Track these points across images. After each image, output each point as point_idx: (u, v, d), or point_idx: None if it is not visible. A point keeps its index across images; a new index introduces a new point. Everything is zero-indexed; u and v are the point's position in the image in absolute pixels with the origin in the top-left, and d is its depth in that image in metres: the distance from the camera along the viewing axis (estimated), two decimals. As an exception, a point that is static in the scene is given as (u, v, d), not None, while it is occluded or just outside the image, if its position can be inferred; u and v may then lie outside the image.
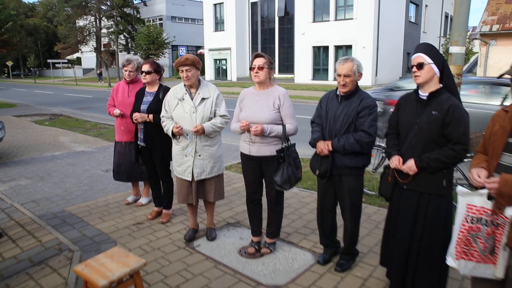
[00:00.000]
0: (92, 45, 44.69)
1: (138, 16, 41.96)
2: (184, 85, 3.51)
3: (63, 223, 4.31)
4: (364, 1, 24.57)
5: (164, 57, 34.08)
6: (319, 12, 27.30)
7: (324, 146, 2.91)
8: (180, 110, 3.50)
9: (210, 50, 34.75)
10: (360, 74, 2.91)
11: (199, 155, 3.52)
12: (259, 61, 3.18)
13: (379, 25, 24.81)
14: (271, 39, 31.84)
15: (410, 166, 2.48)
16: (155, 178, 4.29)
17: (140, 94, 4.11)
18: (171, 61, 35.65)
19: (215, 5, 33.66)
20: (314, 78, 27.95)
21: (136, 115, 3.95)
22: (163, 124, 3.61)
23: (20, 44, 45.96)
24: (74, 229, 4.12)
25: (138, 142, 4.14)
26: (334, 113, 2.97)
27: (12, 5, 16.86)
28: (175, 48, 36.22)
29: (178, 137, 3.53)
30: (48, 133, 10.63)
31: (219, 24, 33.98)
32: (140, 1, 43.24)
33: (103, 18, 42.39)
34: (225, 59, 34.17)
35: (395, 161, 2.58)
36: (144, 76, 3.99)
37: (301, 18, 27.75)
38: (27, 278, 3.21)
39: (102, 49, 43.12)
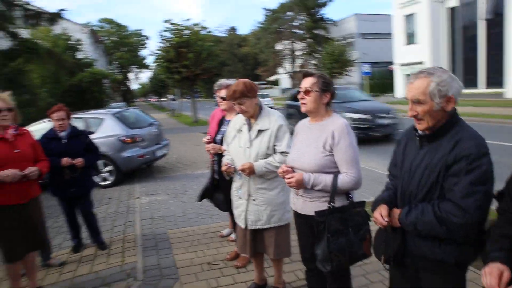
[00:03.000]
0: (286, 67, 48.28)
1: (327, 36, 43.02)
2: None
3: (154, 246, 4.36)
4: None
5: (349, 75, 33.58)
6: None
7: (381, 216, 1.87)
8: (235, 144, 2.98)
9: (402, 65, 32.34)
10: (449, 99, 1.75)
11: (253, 199, 2.90)
12: (306, 83, 2.34)
13: None
14: (473, 48, 27.11)
15: None
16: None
17: (220, 122, 3.78)
18: (361, 79, 34.74)
19: (406, 16, 31.20)
20: (532, 92, 22.14)
21: (208, 147, 3.64)
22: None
23: (225, 70, 53.45)
24: (155, 256, 4.10)
25: (214, 176, 3.81)
26: (410, 163, 1.89)
27: (211, 38, 19.69)
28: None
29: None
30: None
31: (410, 37, 31.30)
32: (331, 22, 44.36)
33: (297, 41, 45.36)
34: (418, 75, 30.97)
35: None
36: (221, 101, 3.64)
37: (517, 20, 22.52)
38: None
39: (294, 70, 46.08)
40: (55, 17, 11.78)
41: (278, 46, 48.63)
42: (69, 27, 22.61)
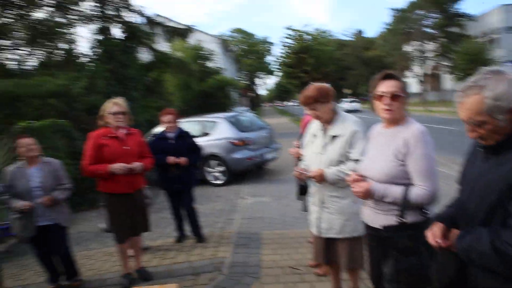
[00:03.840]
0: (415, 70, 44.78)
1: (464, 33, 38.46)
2: None
3: (245, 245, 4.57)
4: None
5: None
6: None
7: (433, 237, 1.66)
8: (310, 150, 2.95)
9: None
10: None
11: (326, 207, 2.83)
12: (390, 86, 2.10)
13: None
14: None
15: None
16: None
17: (308, 126, 3.77)
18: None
19: None
20: None
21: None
22: None
23: (350, 74, 51.81)
24: (244, 254, 4.29)
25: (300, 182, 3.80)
26: (471, 177, 1.63)
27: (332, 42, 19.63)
28: (512, 65, 30.60)
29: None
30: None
31: None
32: (468, 17, 39.52)
33: (427, 42, 41.66)
34: None
35: None
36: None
37: None
38: (179, 281, 3.62)
39: (425, 73, 42.41)
40: (186, 32, 13.29)
41: (407, 48, 45.50)
42: (203, 38, 25.07)
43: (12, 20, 10.50)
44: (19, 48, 10.91)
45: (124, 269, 3.86)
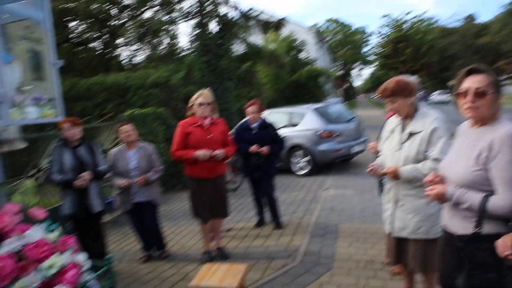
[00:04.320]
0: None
1: None
2: None
3: (322, 235, 4.59)
4: None
5: None
6: None
7: (504, 246, 1.50)
8: (387, 146, 2.85)
9: None
10: None
11: (401, 205, 2.72)
12: (475, 82, 1.88)
13: None
14: None
15: None
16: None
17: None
18: None
19: None
20: None
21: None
22: None
23: (457, 64, 47.10)
24: (319, 244, 4.32)
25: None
26: None
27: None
28: None
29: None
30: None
31: None
32: None
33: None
34: None
35: None
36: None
37: None
38: (253, 263, 3.84)
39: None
40: (279, 24, 13.48)
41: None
42: (297, 29, 25.07)
43: (126, 20, 11.80)
44: (130, 45, 12.24)
45: (205, 247, 4.19)
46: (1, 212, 2.24)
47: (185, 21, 13.48)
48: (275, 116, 8.90)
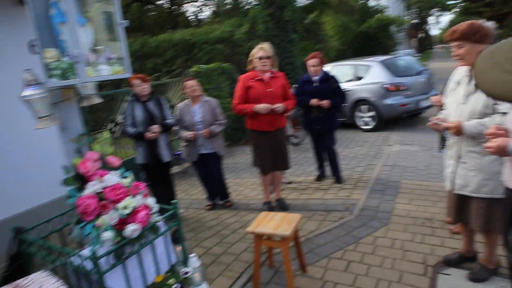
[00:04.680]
0: None
1: None
2: None
3: (381, 191, 4.57)
4: None
5: None
6: None
7: None
8: (452, 98, 2.70)
9: None
10: None
11: (463, 162, 2.62)
12: None
13: None
14: None
15: None
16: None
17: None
18: None
19: None
20: None
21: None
22: None
23: None
24: (378, 199, 4.32)
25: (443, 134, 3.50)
26: None
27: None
28: None
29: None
30: None
31: None
32: None
33: None
34: None
35: None
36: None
37: None
38: (310, 215, 4.00)
39: None
40: (347, -32, 12.64)
41: None
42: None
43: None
44: (196, 1, 12.33)
45: (265, 198, 4.41)
46: (84, 159, 2.57)
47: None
48: (340, 69, 8.63)
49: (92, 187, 2.52)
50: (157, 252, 2.73)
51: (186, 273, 2.59)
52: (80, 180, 2.59)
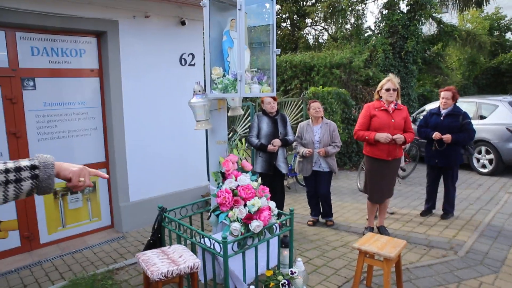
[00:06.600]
0: None
1: None
2: None
3: (493, 237, 4.37)
4: None
5: None
6: None
7: None
8: None
9: None
10: None
11: None
12: None
13: None
14: None
15: None
16: None
17: None
18: None
19: None
20: None
21: None
22: None
23: None
24: (488, 245, 4.15)
25: None
26: None
27: None
28: None
29: None
30: None
31: None
32: None
33: None
34: None
35: None
36: None
37: None
38: (412, 247, 4.07)
39: None
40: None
41: None
42: (505, 4, 21.31)
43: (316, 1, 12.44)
44: (316, 25, 12.88)
45: (368, 223, 4.59)
46: (226, 159, 3.15)
47: (374, 0, 13.32)
48: (461, 105, 8.24)
49: (229, 184, 3.08)
50: (270, 250, 3.17)
51: (293, 273, 2.97)
52: (222, 176, 3.18)
